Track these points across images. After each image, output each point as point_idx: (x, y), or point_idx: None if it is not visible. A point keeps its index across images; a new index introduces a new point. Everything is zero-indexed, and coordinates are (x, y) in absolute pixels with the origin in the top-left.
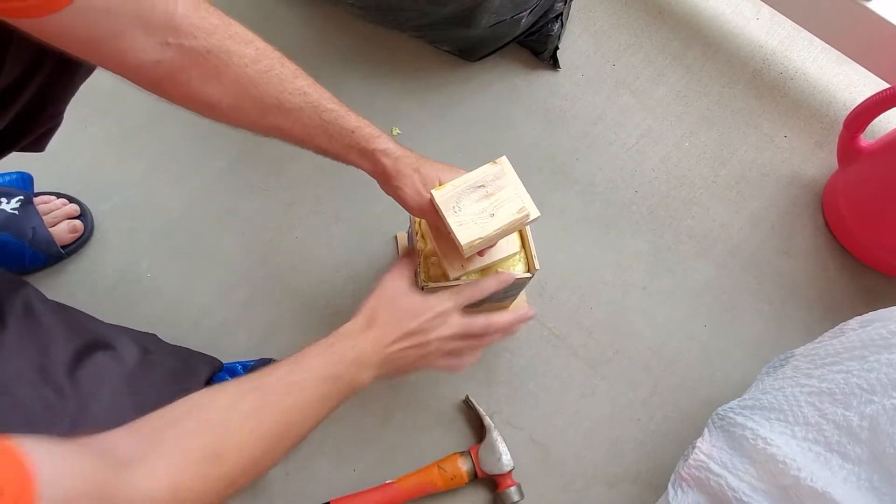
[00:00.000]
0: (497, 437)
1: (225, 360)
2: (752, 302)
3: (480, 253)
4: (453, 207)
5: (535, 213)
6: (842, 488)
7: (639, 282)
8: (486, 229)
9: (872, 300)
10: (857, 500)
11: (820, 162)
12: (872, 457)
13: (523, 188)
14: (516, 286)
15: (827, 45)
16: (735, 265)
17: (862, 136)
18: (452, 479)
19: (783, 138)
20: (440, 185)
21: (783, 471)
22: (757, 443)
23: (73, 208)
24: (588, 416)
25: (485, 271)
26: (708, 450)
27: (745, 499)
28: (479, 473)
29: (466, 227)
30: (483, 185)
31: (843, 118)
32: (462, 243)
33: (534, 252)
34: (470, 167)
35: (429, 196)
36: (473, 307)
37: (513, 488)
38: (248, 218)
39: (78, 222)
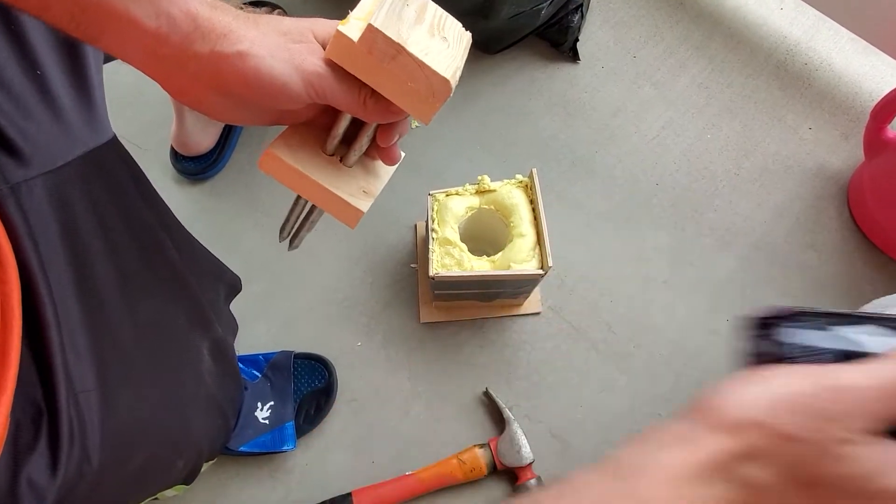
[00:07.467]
0: (517, 430)
1: (245, 351)
2: (776, 296)
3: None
4: (399, 33)
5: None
6: None
7: (660, 275)
8: (456, 56)
9: None
10: None
11: (846, 154)
12: None
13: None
14: (530, 282)
15: (853, 35)
16: (759, 259)
17: (889, 126)
18: (472, 471)
19: (808, 130)
20: (345, 20)
21: None
22: None
23: None
24: (608, 411)
25: None
26: None
27: None
28: (498, 466)
29: (434, 55)
30: (406, 3)
31: (870, 109)
32: (446, 75)
33: (548, 249)
34: (489, 161)
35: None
36: (487, 300)
37: (533, 481)
38: (267, 210)
39: None
